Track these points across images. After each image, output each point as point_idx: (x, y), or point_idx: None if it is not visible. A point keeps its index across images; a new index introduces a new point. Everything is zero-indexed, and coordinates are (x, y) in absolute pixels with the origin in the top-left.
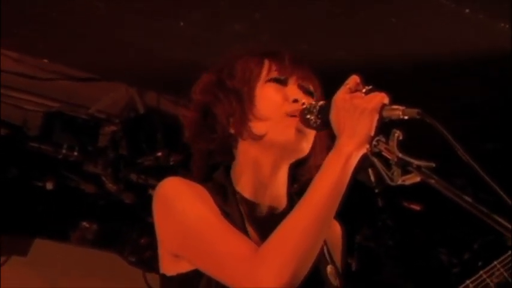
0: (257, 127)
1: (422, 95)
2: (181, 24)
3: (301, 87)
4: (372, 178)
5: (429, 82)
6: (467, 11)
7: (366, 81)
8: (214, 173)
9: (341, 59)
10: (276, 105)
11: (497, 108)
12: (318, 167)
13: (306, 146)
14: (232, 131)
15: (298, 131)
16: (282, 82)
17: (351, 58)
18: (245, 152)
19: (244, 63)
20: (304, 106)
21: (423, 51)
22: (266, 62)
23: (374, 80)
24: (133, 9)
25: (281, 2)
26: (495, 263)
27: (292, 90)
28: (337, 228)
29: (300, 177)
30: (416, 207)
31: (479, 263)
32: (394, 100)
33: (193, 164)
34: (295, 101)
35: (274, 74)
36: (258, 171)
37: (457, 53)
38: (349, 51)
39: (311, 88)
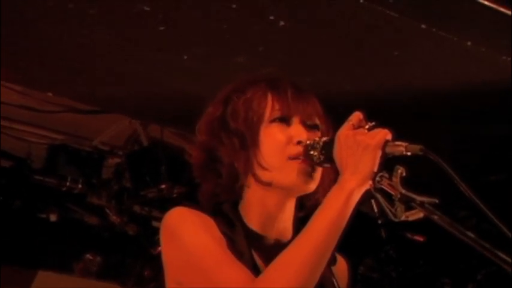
0: (263, 175)
1: (425, 126)
2: (185, 57)
3: (305, 125)
4: (375, 209)
5: (431, 114)
6: (469, 43)
7: (368, 113)
8: (222, 206)
9: (344, 92)
10: (279, 149)
11: (500, 139)
12: (325, 194)
13: (312, 186)
14: (237, 175)
15: (304, 174)
16: (286, 121)
17: (355, 91)
18: (252, 192)
19: (248, 102)
20: (308, 142)
21: (425, 84)
22: (269, 98)
23: (377, 112)
24: (137, 43)
25: (284, 35)
26: None
27: (296, 130)
28: (342, 263)
29: (307, 203)
30: (420, 239)
31: None
32: (396, 132)
33: (200, 200)
34: (300, 142)
35: (278, 114)
36: (265, 207)
37: (459, 85)
38: (353, 84)
39: (316, 121)
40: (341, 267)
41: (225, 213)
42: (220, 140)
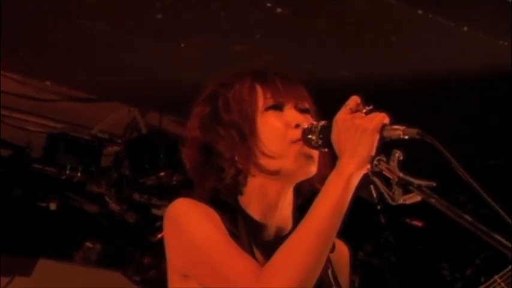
0: (268, 164)
1: (422, 112)
2: (183, 45)
3: (298, 109)
4: (374, 195)
5: (429, 99)
6: (466, 29)
7: (366, 99)
8: (223, 197)
9: (342, 78)
10: (280, 135)
11: (498, 125)
12: (321, 179)
13: (314, 169)
14: (240, 167)
15: (307, 157)
16: (279, 108)
17: (352, 77)
18: (253, 183)
19: (238, 94)
20: (306, 126)
21: (423, 70)
22: (259, 89)
23: (374, 98)
24: (135, 31)
25: (282, 22)
26: (496, 277)
27: (291, 114)
28: (344, 250)
29: (304, 189)
30: (419, 224)
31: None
32: (394, 118)
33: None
34: (298, 125)
35: (271, 102)
36: (266, 196)
37: (456, 71)
38: (350, 70)
39: (307, 106)
40: (342, 253)
41: (226, 203)
42: (216, 134)
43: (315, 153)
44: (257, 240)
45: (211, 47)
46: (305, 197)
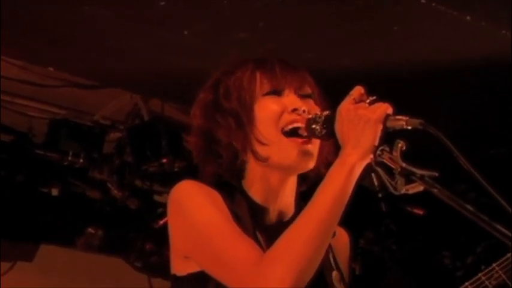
0: (260, 151)
1: (425, 101)
2: (186, 33)
3: (298, 94)
4: (376, 183)
5: (431, 88)
6: (468, 18)
7: (368, 87)
8: (227, 180)
9: (345, 67)
10: (275, 118)
11: (499, 114)
12: (325, 165)
13: (311, 164)
14: (237, 153)
15: (302, 152)
16: (278, 93)
17: (355, 65)
18: (253, 169)
19: (238, 81)
20: (310, 116)
21: (425, 58)
22: (258, 76)
23: (377, 87)
24: (138, 18)
25: (285, 10)
26: (494, 265)
27: (290, 99)
28: (344, 236)
29: (309, 176)
30: (420, 212)
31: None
32: (396, 106)
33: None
34: (295, 110)
35: (268, 88)
36: (266, 183)
37: (458, 60)
38: (353, 59)
39: (309, 91)
40: (342, 239)
41: (230, 185)
42: (216, 121)
43: (315, 147)
44: (259, 223)
45: (214, 35)
46: (310, 183)
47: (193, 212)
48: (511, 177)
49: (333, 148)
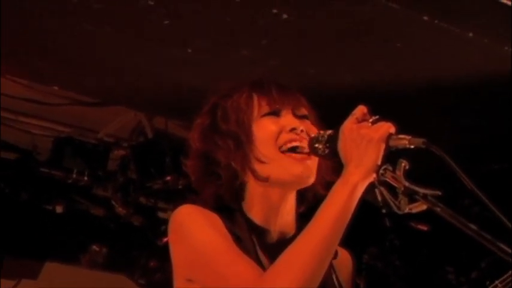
0: (260, 170)
1: (427, 117)
2: (189, 50)
3: (295, 114)
4: (379, 198)
5: (434, 105)
6: (470, 35)
7: (371, 104)
8: (226, 202)
9: (347, 83)
10: (273, 139)
11: (502, 129)
12: (322, 184)
13: (311, 179)
14: (236, 174)
15: (301, 168)
16: (275, 114)
17: (357, 82)
18: (253, 189)
19: (235, 103)
20: (313, 135)
21: (428, 75)
22: (255, 98)
23: (379, 103)
24: (142, 36)
25: (287, 28)
26: (496, 282)
27: (287, 119)
28: (347, 258)
29: (307, 196)
30: (424, 228)
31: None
32: (398, 123)
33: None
34: (293, 129)
35: (266, 109)
36: (267, 202)
37: (461, 76)
38: (355, 76)
39: (305, 112)
40: (345, 261)
41: (230, 208)
42: (215, 143)
43: (314, 163)
44: (261, 243)
45: (217, 52)
46: (309, 203)
47: (194, 235)
48: None
49: (330, 167)
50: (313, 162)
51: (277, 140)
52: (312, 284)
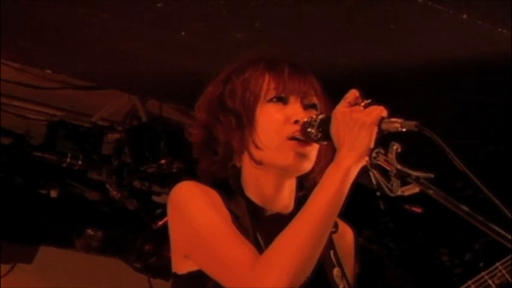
0: (256, 154)
1: (422, 100)
2: (183, 33)
3: (303, 104)
4: (374, 181)
5: (428, 87)
6: (465, 16)
7: (365, 86)
8: (226, 180)
9: (341, 66)
10: (276, 129)
11: (497, 111)
12: (322, 172)
13: (307, 166)
14: (232, 153)
15: (298, 154)
16: (283, 100)
17: (351, 65)
18: (249, 171)
19: (245, 81)
20: (305, 120)
21: (422, 57)
22: (266, 78)
23: (373, 85)
24: (135, 19)
25: (281, 10)
26: (497, 264)
27: (294, 109)
28: (348, 233)
29: (305, 182)
30: (418, 210)
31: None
32: (393, 105)
33: (199, 176)
34: (297, 122)
35: (273, 93)
36: (263, 186)
37: (456, 59)
38: (349, 58)
39: (314, 101)
40: (346, 236)
41: (229, 185)
42: (217, 118)
43: (313, 150)
44: (258, 222)
45: (211, 35)
46: (309, 189)
47: (193, 213)
48: (509, 173)
49: (331, 155)
50: (312, 148)
51: (281, 131)
52: (306, 268)
